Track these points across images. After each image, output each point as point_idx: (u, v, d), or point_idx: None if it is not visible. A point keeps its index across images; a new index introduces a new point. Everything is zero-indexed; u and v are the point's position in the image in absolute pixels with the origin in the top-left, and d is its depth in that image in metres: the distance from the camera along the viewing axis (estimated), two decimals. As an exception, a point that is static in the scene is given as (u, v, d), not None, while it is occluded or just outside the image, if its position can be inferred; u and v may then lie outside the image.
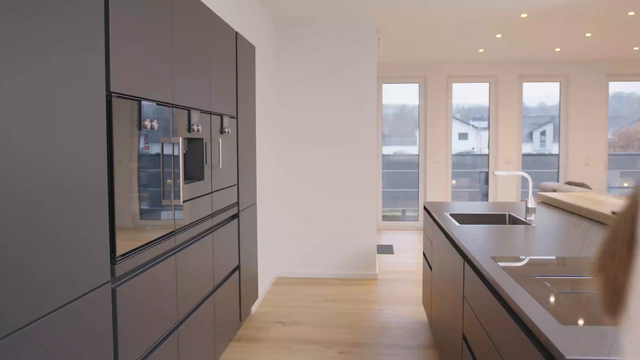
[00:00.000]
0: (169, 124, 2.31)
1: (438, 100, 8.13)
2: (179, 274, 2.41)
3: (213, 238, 2.96)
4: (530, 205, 3.04)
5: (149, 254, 2.08)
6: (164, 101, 2.24)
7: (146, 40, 2.05)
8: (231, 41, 3.35)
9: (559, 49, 6.97)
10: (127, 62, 1.89)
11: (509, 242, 2.40)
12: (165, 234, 2.27)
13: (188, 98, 2.54)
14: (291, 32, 5.26)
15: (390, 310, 4.27)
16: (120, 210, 1.85)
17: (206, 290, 2.84)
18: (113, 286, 1.81)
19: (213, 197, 2.96)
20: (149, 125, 2.03)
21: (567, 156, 8.13)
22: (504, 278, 1.75)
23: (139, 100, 1.99)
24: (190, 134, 2.60)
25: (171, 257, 2.33)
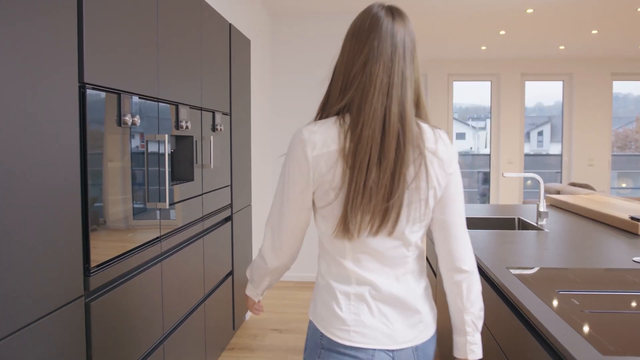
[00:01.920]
0: (154, 120, 2.12)
1: (438, 99, 7.95)
2: (165, 283, 2.21)
3: (204, 243, 2.77)
4: (542, 209, 2.85)
5: (130, 262, 1.89)
6: (148, 95, 2.04)
7: (127, 27, 1.85)
8: (224, 33, 3.15)
9: (563, 46, 6.80)
10: (104, 51, 1.69)
11: (523, 249, 2.21)
12: (150, 241, 2.07)
13: (175, 92, 2.34)
14: (288, 26, 5.07)
15: (391, 317, 4.09)
16: (96, 215, 1.66)
17: (196, 298, 2.65)
18: (87, 300, 1.61)
19: (204, 199, 2.76)
20: (129, 121, 1.84)
21: (570, 157, 7.96)
22: (525, 295, 1.56)
23: (119, 94, 1.79)
24: (178, 131, 2.40)
25: (156, 265, 2.14)
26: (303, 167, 1.18)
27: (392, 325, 1.22)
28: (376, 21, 1.22)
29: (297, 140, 1.20)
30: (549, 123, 8.69)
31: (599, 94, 7.81)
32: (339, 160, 1.15)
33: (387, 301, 1.22)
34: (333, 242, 1.23)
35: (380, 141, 1.14)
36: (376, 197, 1.14)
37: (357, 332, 1.20)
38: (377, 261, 1.22)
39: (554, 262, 1.98)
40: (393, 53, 1.20)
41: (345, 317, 1.21)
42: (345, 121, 1.17)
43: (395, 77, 1.18)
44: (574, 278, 1.74)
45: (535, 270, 1.85)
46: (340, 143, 1.16)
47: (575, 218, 3.10)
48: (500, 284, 1.72)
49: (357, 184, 1.13)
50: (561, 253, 2.15)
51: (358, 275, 1.22)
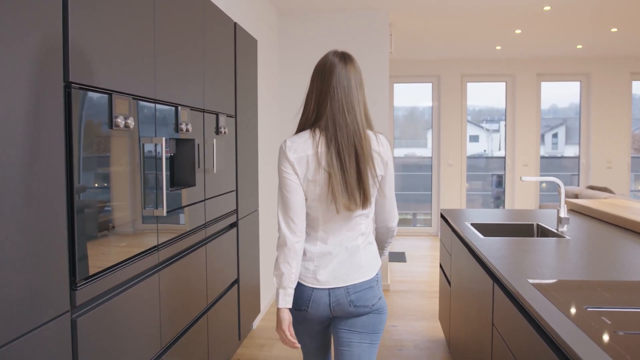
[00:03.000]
0: (150, 122, 2.01)
1: (452, 100, 7.78)
2: (163, 294, 2.10)
3: (207, 250, 2.65)
4: (562, 214, 2.70)
5: (123, 274, 1.77)
6: (144, 96, 1.93)
7: (119, 23, 1.74)
8: (229, 33, 3.04)
9: (580, 45, 6.60)
10: (93, 48, 1.58)
11: (544, 259, 2.06)
12: (146, 250, 1.96)
13: (175, 93, 2.23)
14: (297, 25, 4.95)
15: (404, 326, 3.94)
16: (84, 223, 1.54)
17: (198, 309, 2.53)
18: (73, 317, 1.50)
19: (207, 204, 2.65)
20: (122, 123, 1.72)
21: (588, 159, 7.75)
22: (550, 311, 1.42)
23: (110, 94, 1.68)
24: (178, 134, 2.29)
25: (153, 275, 2.02)
26: (288, 165, 1.69)
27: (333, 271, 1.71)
28: (333, 66, 1.74)
29: (281, 151, 1.71)
30: (564, 125, 8.50)
31: (617, 95, 7.58)
32: (313, 161, 1.67)
33: (334, 255, 1.72)
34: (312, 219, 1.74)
35: (345, 146, 1.65)
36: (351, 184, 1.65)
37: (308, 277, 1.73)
38: (338, 227, 1.73)
39: (579, 273, 1.83)
40: (347, 86, 1.71)
41: (306, 266, 1.73)
42: (316, 133, 1.68)
43: (350, 102, 1.69)
44: (601, 292, 1.59)
45: (558, 283, 1.70)
46: (314, 149, 1.67)
47: (598, 224, 2.94)
48: (521, 298, 1.57)
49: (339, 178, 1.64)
50: (585, 263, 1.99)
51: (317, 235, 1.74)
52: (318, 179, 1.67)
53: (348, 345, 1.76)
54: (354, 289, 1.71)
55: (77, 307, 1.53)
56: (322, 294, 1.71)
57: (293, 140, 1.70)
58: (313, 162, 1.66)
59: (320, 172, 1.66)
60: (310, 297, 1.71)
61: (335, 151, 1.65)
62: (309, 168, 1.67)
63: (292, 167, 1.68)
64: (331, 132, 1.65)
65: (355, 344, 1.76)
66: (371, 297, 1.73)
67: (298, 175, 1.68)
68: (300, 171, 1.68)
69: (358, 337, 1.75)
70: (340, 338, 1.77)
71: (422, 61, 7.76)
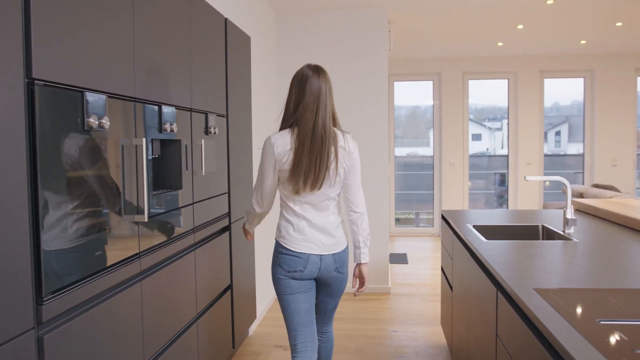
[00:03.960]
0: (130, 122, 1.89)
1: (453, 98, 7.65)
2: (146, 305, 1.97)
3: (196, 256, 2.53)
4: (569, 215, 2.57)
5: (99, 285, 1.65)
6: (121, 94, 1.81)
7: (92, 14, 1.62)
8: (219, 28, 2.92)
9: (584, 41, 6.46)
10: (61, 41, 1.46)
11: (551, 264, 1.93)
12: (126, 259, 1.84)
13: (158, 92, 2.11)
14: (294, 23, 4.83)
15: (405, 331, 3.81)
16: (51, 233, 1.42)
17: (187, 318, 2.41)
18: (39, 334, 1.38)
19: (195, 208, 2.53)
20: (96, 123, 1.60)
21: (593, 157, 7.60)
22: (559, 326, 1.29)
23: (81, 91, 1.56)
24: (162, 135, 2.17)
25: (135, 285, 1.90)
26: (271, 158, 2.12)
27: (320, 242, 2.15)
28: (307, 77, 2.12)
29: (268, 144, 2.14)
30: (567, 123, 8.38)
31: (622, 91, 7.44)
32: (291, 154, 2.08)
33: (317, 228, 2.15)
34: (288, 197, 2.17)
35: (312, 141, 2.07)
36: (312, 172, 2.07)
37: (301, 244, 2.14)
38: (311, 207, 2.16)
39: (589, 280, 1.70)
40: (318, 93, 2.10)
41: (294, 236, 2.15)
42: (294, 132, 2.10)
43: (320, 106, 2.10)
44: (615, 302, 1.47)
45: (567, 291, 1.57)
46: (292, 144, 2.09)
47: (606, 225, 2.80)
48: (527, 309, 1.45)
49: (299, 165, 2.07)
50: (595, 268, 1.86)
51: (300, 214, 2.16)
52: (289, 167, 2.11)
53: (324, 304, 2.32)
54: (339, 256, 2.21)
55: (45, 324, 1.41)
56: (314, 258, 2.15)
57: (276, 137, 2.13)
58: (291, 155, 2.09)
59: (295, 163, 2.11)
60: (307, 260, 2.15)
61: (302, 147, 2.08)
62: (288, 160, 2.10)
63: (274, 160, 2.12)
64: (308, 133, 2.08)
65: (330, 302, 2.33)
66: (347, 262, 2.27)
67: (277, 166, 2.12)
68: (280, 163, 2.11)
69: (332, 299, 2.32)
70: (319, 299, 2.30)
71: (423, 59, 7.63)
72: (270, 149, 2.10)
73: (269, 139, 2.12)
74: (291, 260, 2.13)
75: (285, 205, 2.20)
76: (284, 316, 2.21)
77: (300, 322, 2.19)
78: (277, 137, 2.12)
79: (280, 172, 2.13)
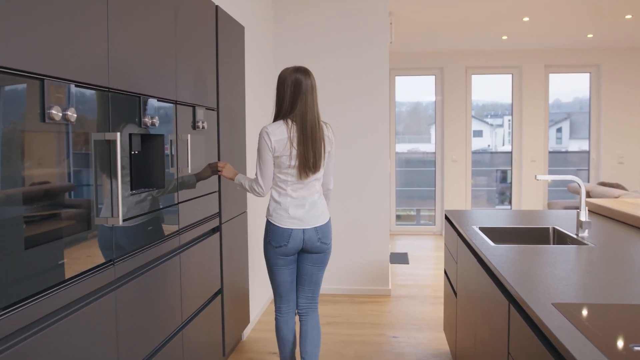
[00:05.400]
0: (104, 115, 1.70)
1: (456, 93, 7.45)
2: (121, 316, 1.80)
3: (181, 260, 2.35)
4: (583, 218, 2.38)
5: (61, 298, 1.47)
6: (93, 83, 1.63)
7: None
8: (209, 16, 2.73)
9: (591, 34, 6.27)
10: (15, 22, 1.27)
11: (568, 274, 1.75)
12: (97, 266, 1.66)
13: (137, 82, 1.93)
14: (292, 14, 4.63)
15: (406, 337, 3.63)
16: (5, 237, 1.24)
17: (170, 328, 2.23)
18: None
19: (180, 209, 2.35)
20: (58, 115, 1.42)
21: (599, 154, 7.42)
22: (587, 351, 1.11)
23: (41, 79, 1.38)
24: (141, 129, 1.98)
25: (108, 295, 1.72)
26: (268, 147, 2.45)
27: (304, 217, 2.51)
28: (301, 79, 2.48)
29: (263, 133, 2.46)
30: (568, 120, 8.24)
31: (630, 87, 7.24)
32: (287, 142, 2.44)
33: (302, 206, 2.51)
34: (282, 180, 2.50)
35: (311, 132, 2.45)
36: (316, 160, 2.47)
37: (286, 221, 2.50)
38: (301, 188, 2.51)
39: (613, 294, 1.52)
40: (309, 91, 2.48)
41: (281, 214, 2.50)
42: (289, 122, 2.46)
43: (315, 102, 2.49)
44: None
45: (591, 308, 1.39)
46: (288, 134, 2.44)
47: (621, 228, 2.62)
48: (547, 331, 1.26)
49: (304, 154, 2.44)
50: (617, 279, 1.68)
51: (289, 194, 2.50)
52: (288, 154, 2.45)
53: (310, 274, 2.64)
54: (321, 229, 2.55)
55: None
56: (297, 232, 2.50)
57: (273, 128, 2.46)
58: (287, 143, 2.44)
59: (292, 149, 2.44)
60: (290, 235, 2.50)
61: (303, 136, 2.44)
62: (285, 147, 2.44)
63: (270, 148, 2.44)
64: (300, 123, 2.45)
65: (315, 273, 2.64)
66: (329, 235, 2.60)
67: (273, 153, 2.45)
68: (277, 150, 2.44)
69: (316, 269, 2.63)
70: (304, 269, 2.63)
71: (425, 53, 7.43)
72: (267, 137, 2.43)
73: (265, 129, 2.45)
74: (277, 236, 2.51)
75: (276, 187, 2.53)
76: (272, 283, 2.65)
77: (284, 290, 2.64)
78: (274, 127, 2.46)
79: (277, 159, 2.46)
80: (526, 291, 1.54)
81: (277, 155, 2.44)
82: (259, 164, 2.49)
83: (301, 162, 2.44)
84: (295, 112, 2.45)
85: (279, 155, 2.44)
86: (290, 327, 2.69)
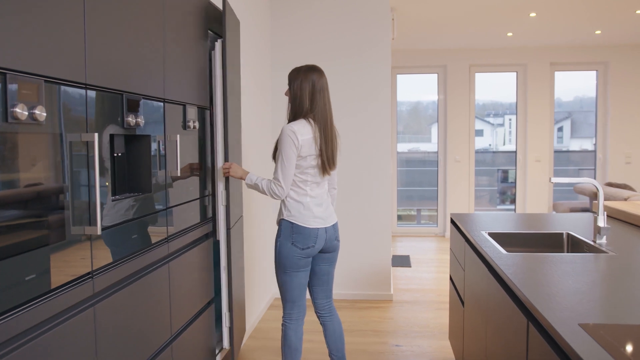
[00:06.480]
0: (80, 114, 1.55)
1: (459, 92, 7.29)
2: (101, 332, 1.64)
3: (170, 269, 2.19)
4: (601, 223, 2.23)
5: (34, 315, 1.32)
6: (67, 79, 1.47)
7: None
8: (200, 10, 2.57)
9: (599, 31, 6.10)
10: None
11: (590, 287, 1.59)
12: (72, 280, 1.50)
13: (119, 78, 1.77)
14: (290, 9, 4.47)
15: (409, 345, 3.48)
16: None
17: (158, 342, 2.08)
18: None
19: (169, 214, 2.19)
20: (24, 114, 1.26)
21: (605, 154, 7.25)
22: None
23: (3, 74, 1.22)
24: (125, 129, 1.83)
25: (86, 311, 1.56)
26: (294, 146, 2.37)
27: (324, 215, 2.49)
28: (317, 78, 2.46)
29: (289, 132, 2.37)
30: (569, 119, 8.11)
31: (638, 85, 7.07)
32: (313, 142, 2.41)
33: (319, 205, 2.48)
34: (302, 181, 2.45)
35: (330, 130, 2.48)
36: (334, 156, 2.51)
37: (311, 221, 2.44)
38: (316, 185, 2.49)
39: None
40: (325, 89, 2.48)
41: (305, 214, 2.44)
42: (311, 121, 2.43)
43: (327, 99, 2.50)
44: (690, 347, 1.13)
45: (624, 330, 1.23)
46: (312, 133, 2.42)
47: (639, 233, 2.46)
48: (577, 357, 1.11)
49: (325, 152, 2.44)
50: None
51: (308, 193, 2.46)
52: (313, 153, 2.41)
53: (326, 273, 2.61)
54: (336, 227, 2.57)
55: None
56: (321, 231, 2.47)
57: (298, 126, 2.40)
58: (313, 142, 2.40)
59: (315, 149, 2.41)
60: (317, 235, 2.45)
61: (324, 134, 2.43)
62: (310, 146, 2.40)
63: (297, 148, 2.37)
64: (322, 122, 2.44)
65: (331, 271, 2.63)
66: (338, 232, 2.61)
67: (299, 153, 2.38)
68: (303, 149, 2.38)
69: (332, 267, 2.62)
70: (320, 270, 2.59)
71: (427, 50, 7.27)
72: (294, 136, 2.35)
73: (291, 128, 2.37)
74: (304, 237, 2.42)
75: (294, 188, 2.45)
76: (285, 288, 2.50)
77: (299, 295, 2.52)
78: (299, 126, 2.39)
79: (300, 159, 2.39)
80: (548, 309, 1.38)
81: (303, 155, 2.38)
82: (282, 164, 2.37)
83: (323, 161, 2.43)
84: (315, 111, 2.42)
85: (304, 155, 2.39)
86: (299, 335, 2.57)
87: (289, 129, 2.36)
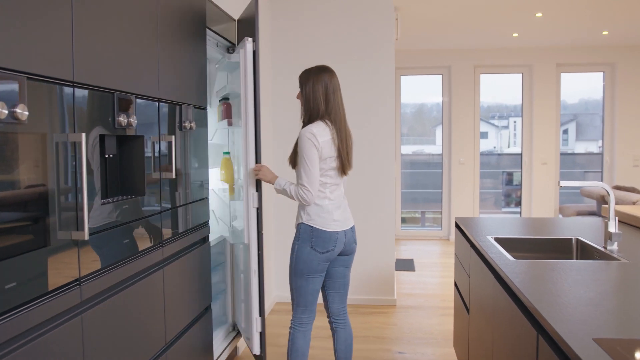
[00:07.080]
0: (67, 113, 1.48)
1: (464, 93, 7.19)
2: (89, 341, 1.57)
3: (164, 275, 2.12)
4: (612, 229, 2.14)
5: (9, 328, 1.24)
6: (53, 76, 1.40)
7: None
8: (197, 9, 2.51)
9: (606, 31, 6.00)
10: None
11: (603, 297, 1.51)
12: (58, 288, 1.43)
13: (110, 76, 1.70)
14: (291, 10, 4.40)
15: (413, 352, 3.39)
16: None
17: (151, 351, 2.00)
18: None
19: (164, 217, 2.12)
20: (4, 113, 1.19)
21: (612, 156, 7.14)
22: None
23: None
24: (116, 130, 1.76)
25: (73, 319, 1.49)
26: (316, 148, 2.33)
27: (343, 217, 2.46)
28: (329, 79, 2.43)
29: (310, 135, 2.33)
30: (574, 121, 8.02)
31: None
32: (332, 143, 2.38)
33: (338, 207, 2.45)
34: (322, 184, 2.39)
35: (345, 130, 2.47)
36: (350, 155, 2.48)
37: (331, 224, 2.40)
38: (335, 187, 2.46)
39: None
40: (338, 90, 2.46)
41: (324, 217, 2.39)
42: (328, 123, 2.40)
43: (340, 99, 2.47)
44: None
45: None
46: (330, 135, 2.38)
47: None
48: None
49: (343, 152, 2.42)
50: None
51: (328, 196, 2.42)
52: (332, 155, 2.37)
53: (343, 277, 2.57)
54: (353, 229, 2.52)
55: None
56: (341, 234, 2.42)
57: (317, 129, 2.35)
58: (332, 144, 2.37)
59: (334, 150, 2.38)
60: (337, 238, 2.40)
61: (340, 135, 2.40)
62: (330, 148, 2.36)
63: (318, 150, 2.32)
64: (338, 123, 2.41)
65: (347, 274, 2.59)
66: (355, 234, 2.56)
67: (320, 155, 2.33)
68: (324, 152, 2.34)
69: (348, 270, 2.59)
70: (337, 273, 2.54)
71: (432, 51, 7.18)
72: (314, 139, 2.32)
73: (310, 130, 2.33)
74: (324, 241, 2.37)
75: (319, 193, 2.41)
76: (299, 293, 2.44)
77: (312, 300, 2.46)
78: (318, 128, 2.35)
79: (321, 162, 2.35)
80: (559, 321, 1.30)
81: (323, 157, 2.34)
82: (306, 168, 2.32)
83: (341, 162, 2.40)
84: (330, 113, 2.39)
85: (324, 157, 2.34)
86: (307, 340, 2.51)
87: (308, 131, 2.32)
